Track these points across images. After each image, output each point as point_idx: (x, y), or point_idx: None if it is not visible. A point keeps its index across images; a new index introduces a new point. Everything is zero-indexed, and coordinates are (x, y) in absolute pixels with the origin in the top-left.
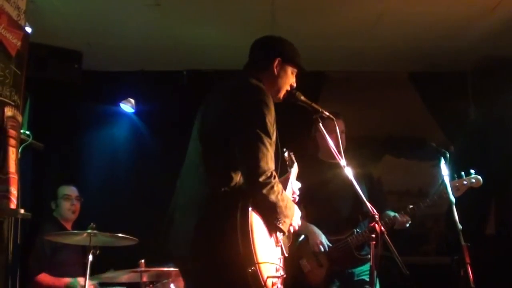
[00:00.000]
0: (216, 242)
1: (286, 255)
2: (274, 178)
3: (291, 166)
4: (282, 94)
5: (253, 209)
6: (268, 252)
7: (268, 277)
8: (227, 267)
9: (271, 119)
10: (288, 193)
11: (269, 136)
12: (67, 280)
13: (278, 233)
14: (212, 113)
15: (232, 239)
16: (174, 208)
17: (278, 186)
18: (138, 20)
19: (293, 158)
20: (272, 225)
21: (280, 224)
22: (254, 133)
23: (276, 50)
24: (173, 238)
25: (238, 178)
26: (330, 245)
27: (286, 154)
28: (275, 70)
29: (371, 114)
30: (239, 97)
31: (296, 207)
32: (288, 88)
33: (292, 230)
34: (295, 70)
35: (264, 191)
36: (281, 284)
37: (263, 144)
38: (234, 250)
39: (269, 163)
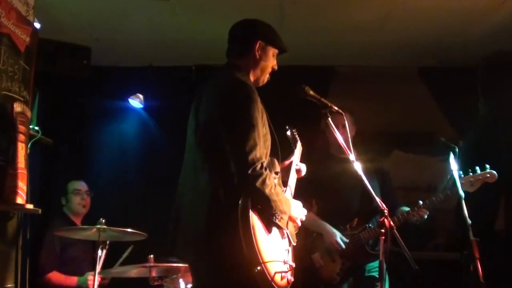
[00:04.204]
0: (220, 245)
1: (294, 243)
2: (266, 170)
3: (295, 145)
4: (265, 77)
5: (252, 209)
6: (272, 248)
7: (276, 273)
8: (233, 269)
9: (257, 111)
10: (292, 177)
11: (257, 129)
12: (76, 279)
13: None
14: (202, 115)
15: (235, 240)
16: (179, 209)
17: (270, 180)
18: (147, 15)
19: (296, 135)
20: (270, 221)
21: (277, 220)
22: (240, 128)
23: (256, 33)
24: (180, 241)
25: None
26: (347, 241)
27: (288, 132)
28: (257, 53)
29: (380, 109)
30: (221, 96)
31: (292, 200)
32: (270, 71)
33: (299, 224)
34: (276, 52)
35: (257, 184)
36: (291, 275)
37: (251, 136)
38: (238, 252)
39: (258, 155)
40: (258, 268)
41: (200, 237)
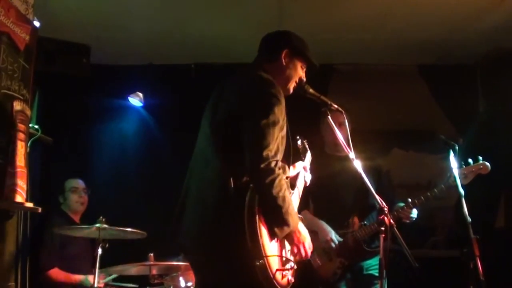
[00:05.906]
0: (225, 237)
1: None
2: (279, 169)
3: (304, 155)
4: (291, 86)
5: (258, 206)
6: (276, 245)
7: (277, 270)
8: (235, 261)
9: (280, 111)
10: (300, 184)
11: (277, 127)
12: (78, 277)
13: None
14: (222, 107)
15: (239, 234)
16: (185, 201)
17: (281, 181)
18: (146, 14)
19: (306, 146)
20: (270, 226)
21: (276, 228)
22: (261, 122)
23: (285, 42)
24: (183, 231)
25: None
26: (341, 239)
27: (299, 142)
28: (283, 61)
29: (380, 107)
30: (248, 89)
31: (306, 230)
32: (297, 81)
33: (302, 255)
34: (305, 65)
35: (267, 181)
36: (292, 275)
37: (270, 133)
38: (242, 245)
39: (274, 152)
40: (260, 261)
41: (205, 226)
